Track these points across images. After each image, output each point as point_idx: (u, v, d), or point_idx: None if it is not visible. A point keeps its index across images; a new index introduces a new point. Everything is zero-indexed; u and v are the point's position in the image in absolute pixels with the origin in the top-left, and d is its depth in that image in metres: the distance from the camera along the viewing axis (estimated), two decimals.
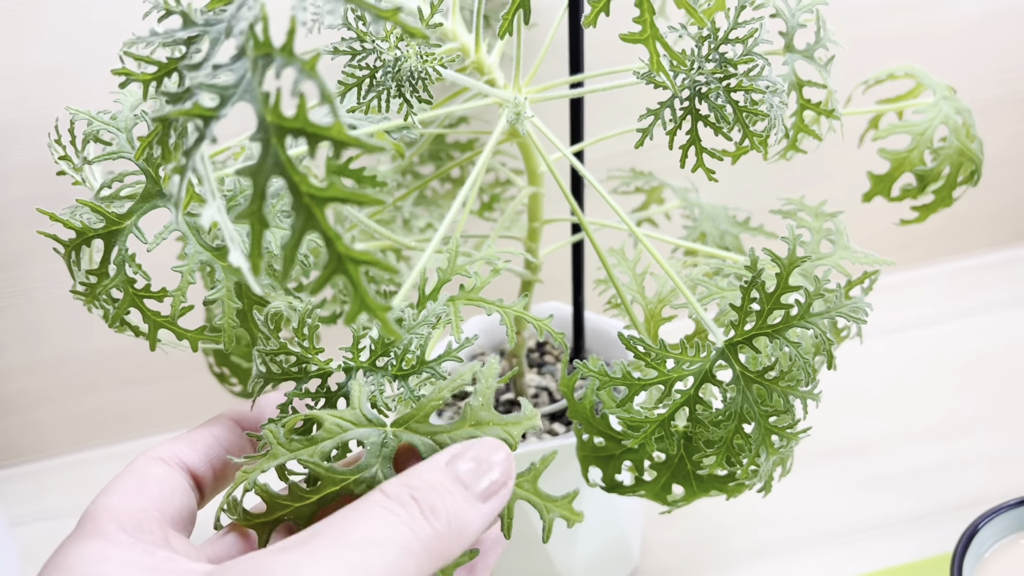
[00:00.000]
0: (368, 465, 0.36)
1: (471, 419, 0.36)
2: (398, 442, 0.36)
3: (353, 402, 0.37)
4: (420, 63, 0.38)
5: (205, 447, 0.39)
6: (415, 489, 0.33)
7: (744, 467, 0.42)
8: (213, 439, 0.40)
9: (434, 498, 0.33)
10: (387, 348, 0.39)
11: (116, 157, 0.39)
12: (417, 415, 0.37)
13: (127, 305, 0.40)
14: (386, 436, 0.36)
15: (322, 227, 0.21)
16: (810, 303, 0.40)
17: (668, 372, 0.41)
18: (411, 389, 0.39)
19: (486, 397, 0.36)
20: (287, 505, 0.36)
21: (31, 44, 0.65)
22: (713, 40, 0.38)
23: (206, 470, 0.39)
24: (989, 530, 0.51)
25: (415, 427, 0.36)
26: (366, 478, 0.36)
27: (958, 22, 0.77)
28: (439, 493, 0.34)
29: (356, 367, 0.39)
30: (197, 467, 0.39)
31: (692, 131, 0.39)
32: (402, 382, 0.39)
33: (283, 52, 0.22)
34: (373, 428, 0.36)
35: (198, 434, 0.40)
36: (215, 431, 0.40)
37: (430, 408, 0.37)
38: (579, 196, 0.53)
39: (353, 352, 0.39)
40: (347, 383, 0.39)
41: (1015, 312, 0.81)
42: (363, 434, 0.36)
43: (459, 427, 0.36)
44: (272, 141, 0.22)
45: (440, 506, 0.33)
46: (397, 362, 0.39)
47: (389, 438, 0.36)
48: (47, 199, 0.68)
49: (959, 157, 0.52)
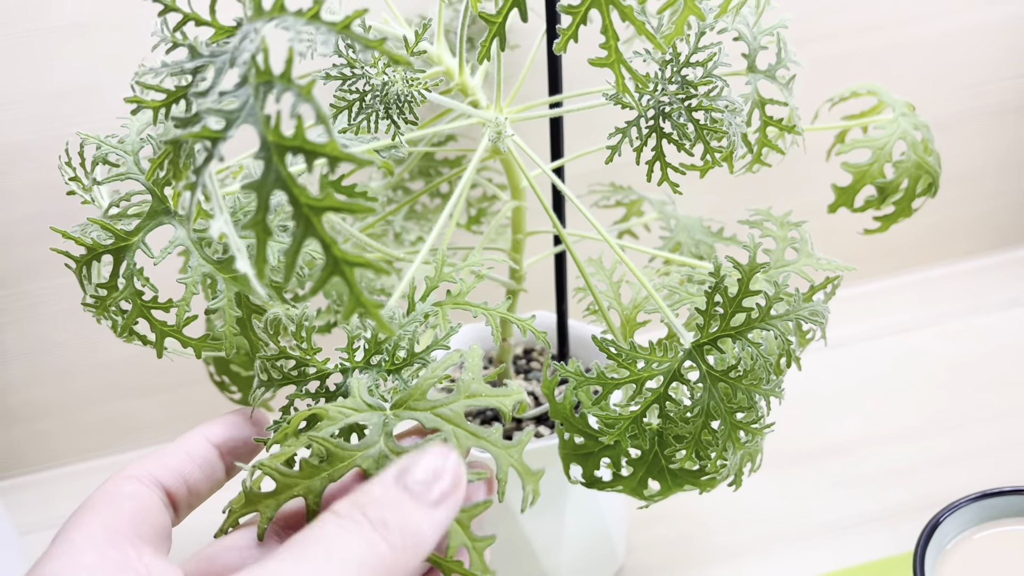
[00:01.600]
0: (373, 442, 0.38)
1: (464, 392, 0.38)
2: (399, 420, 0.38)
3: (353, 394, 0.39)
4: (406, 87, 0.41)
5: (178, 464, 0.39)
6: (364, 506, 0.34)
7: (712, 461, 0.45)
8: (186, 456, 0.40)
9: (384, 512, 0.34)
10: (380, 346, 0.42)
11: (124, 178, 0.42)
12: (415, 394, 0.38)
13: (136, 316, 0.42)
14: (387, 417, 0.38)
15: (320, 234, 0.24)
16: (770, 306, 0.43)
17: (639, 372, 0.44)
18: (405, 381, 0.41)
19: (475, 372, 0.38)
20: (298, 482, 0.37)
21: (41, 69, 0.68)
22: (675, 63, 0.41)
23: (180, 487, 0.39)
24: (950, 524, 0.53)
25: (414, 405, 0.38)
26: (372, 454, 0.37)
27: (923, 40, 0.79)
28: (389, 507, 0.34)
29: (352, 367, 0.41)
30: (171, 484, 0.39)
31: (657, 148, 0.42)
32: (396, 375, 0.42)
33: (282, 79, 0.25)
34: (373, 412, 0.38)
35: (170, 451, 0.40)
36: (187, 447, 0.40)
37: (426, 387, 0.39)
38: (560, 209, 0.55)
39: (349, 353, 0.42)
40: (345, 382, 0.42)
41: (987, 318, 0.83)
42: (365, 418, 0.38)
43: (455, 399, 0.38)
44: (274, 158, 0.25)
45: (391, 519, 0.34)
46: (390, 357, 0.41)
47: (390, 418, 0.38)
48: (53, 216, 0.71)
49: (917, 170, 0.55)
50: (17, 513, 0.76)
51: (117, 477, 0.38)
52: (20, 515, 0.75)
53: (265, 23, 0.26)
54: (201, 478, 0.40)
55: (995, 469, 0.69)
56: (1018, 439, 0.72)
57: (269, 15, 0.26)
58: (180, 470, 0.39)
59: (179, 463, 0.40)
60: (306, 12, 0.25)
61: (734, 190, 0.78)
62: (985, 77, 0.81)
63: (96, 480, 0.77)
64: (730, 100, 0.41)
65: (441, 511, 0.35)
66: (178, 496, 0.40)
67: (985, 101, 0.82)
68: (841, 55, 0.78)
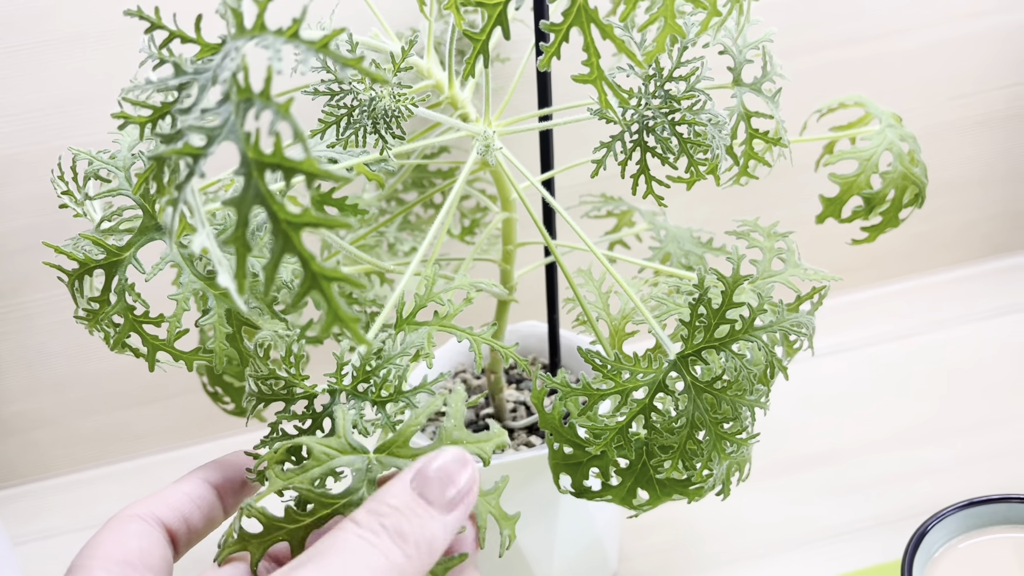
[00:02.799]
0: (355, 489, 0.39)
1: (446, 439, 0.39)
2: (381, 468, 0.39)
3: (338, 430, 0.40)
4: (393, 102, 0.41)
5: (178, 503, 0.42)
6: (383, 516, 0.36)
7: (698, 471, 0.45)
8: (185, 496, 0.42)
9: (401, 522, 0.36)
10: (368, 376, 0.43)
11: (116, 194, 0.42)
12: (398, 441, 0.39)
13: (128, 330, 0.43)
14: (370, 462, 0.39)
15: (298, 249, 0.25)
16: (753, 318, 0.43)
17: (624, 382, 0.45)
18: (388, 416, 0.42)
19: (457, 419, 0.39)
20: (283, 527, 0.39)
21: (35, 83, 0.68)
22: (658, 78, 0.41)
23: (180, 525, 0.42)
24: (937, 532, 0.54)
25: (397, 452, 0.39)
26: (354, 500, 0.39)
27: (910, 52, 0.80)
28: (405, 516, 0.36)
29: (339, 390, 0.42)
30: (171, 523, 0.41)
31: (641, 162, 0.42)
32: (380, 408, 0.43)
33: (262, 97, 0.25)
34: (357, 455, 0.39)
35: (171, 492, 0.42)
36: (187, 488, 0.43)
37: (409, 434, 0.40)
38: (550, 220, 0.56)
39: (337, 377, 0.43)
40: (331, 404, 0.42)
41: (976, 326, 0.84)
42: (349, 461, 0.39)
43: (435, 447, 0.39)
44: (253, 174, 0.25)
45: (407, 529, 0.36)
46: (376, 389, 0.42)
47: (373, 464, 0.39)
48: (48, 228, 0.71)
49: (903, 181, 0.56)
50: (12, 524, 0.76)
51: (121, 516, 0.41)
52: (15, 526, 0.76)
53: (246, 41, 0.27)
54: (200, 517, 0.42)
55: (986, 477, 0.69)
56: (1009, 446, 0.72)
57: (250, 33, 0.27)
58: (180, 510, 0.42)
59: (179, 503, 0.42)
60: (285, 31, 0.26)
61: (727, 200, 0.78)
62: (971, 88, 0.82)
63: (90, 491, 0.78)
64: (713, 114, 0.41)
65: (453, 516, 0.37)
66: (178, 534, 0.42)
67: (972, 111, 0.83)
68: (830, 66, 0.79)
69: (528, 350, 0.66)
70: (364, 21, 0.52)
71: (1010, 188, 0.87)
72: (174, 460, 0.81)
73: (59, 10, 0.66)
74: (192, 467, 0.80)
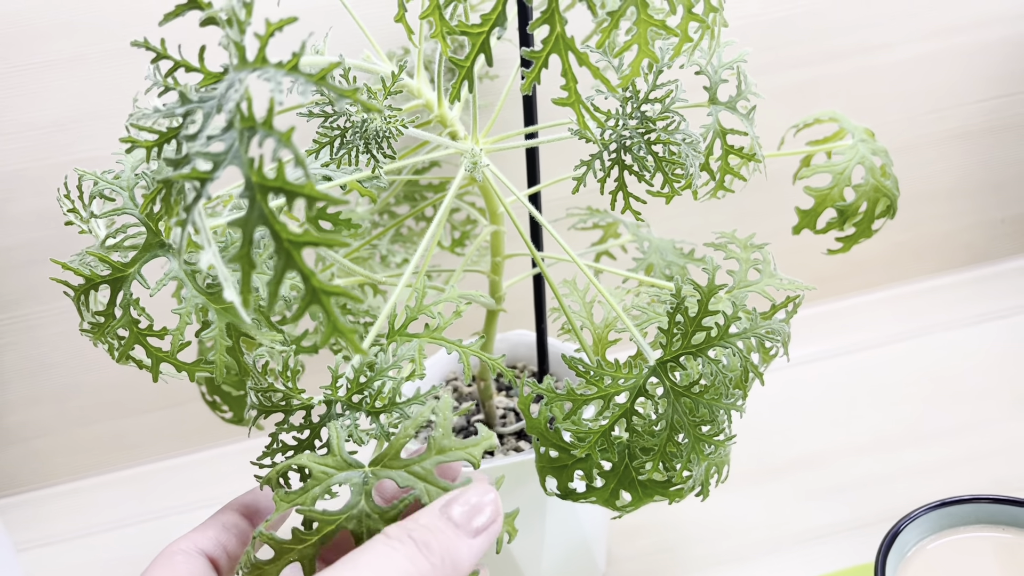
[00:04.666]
0: (354, 504, 0.41)
1: (436, 448, 0.41)
2: (376, 479, 0.41)
3: (333, 448, 0.42)
4: (384, 124, 0.43)
5: (215, 534, 0.45)
6: (412, 530, 0.39)
7: (678, 472, 0.47)
8: (222, 526, 0.46)
9: (428, 536, 0.39)
10: (362, 388, 0.45)
11: (120, 213, 0.44)
12: (390, 453, 0.42)
13: (132, 342, 0.45)
14: (366, 475, 0.42)
15: (299, 266, 0.27)
16: (728, 325, 0.46)
17: (606, 388, 0.47)
18: (382, 426, 0.45)
19: (445, 428, 0.42)
20: (292, 548, 0.41)
21: (38, 101, 0.70)
22: (635, 100, 0.43)
23: (220, 553, 0.45)
24: (910, 532, 0.55)
25: (390, 464, 0.42)
26: (354, 514, 0.41)
27: (889, 66, 0.81)
28: (433, 532, 0.39)
29: (335, 401, 0.44)
30: (212, 552, 0.45)
31: (619, 179, 0.44)
32: (374, 419, 0.45)
33: (264, 126, 0.27)
34: (354, 471, 0.42)
35: (209, 524, 0.45)
36: (223, 519, 0.46)
37: (399, 446, 0.42)
38: (537, 233, 0.58)
39: (332, 389, 0.45)
40: (328, 415, 0.45)
41: (955, 334, 0.85)
42: (346, 477, 0.41)
43: (426, 456, 0.41)
44: (257, 197, 0.27)
45: (434, 542, 0.39)
46: (371, 401, 0.44)
47: (368, 476, 0.41)
48: (50, 242, 0.73)
49: (875, 193, 0.58)
50: (14, 531, 0.77)
51: (167, 552, 0.44)
52: (17, 533, 0.77)
53: (249, 73, 0.29)
54: (237, 544, 0.46)
55: (964, 480, 0.71)
56: (986, 450, 0.73)
57: (252, 66, 0.29)
58: (218, 539, 0.45)
59: (216, 533, 0.45)
60: (286, 64, 0.28)
61: (713, 212, 0.80)
62: (948, 102, 0.84)
63: (90, 498, 0.80)
64: (687, 133, 0.44)
65: (479, 540, 0.40)
66: (220, 561, 0.45)
67: (949, 125, 0.84)
68: (810, 82, 0.80)
69: (517, 358, 0.67)
70: (356, 41, 0.54)
71: (987, 198, 0.89)
72: (173, 468, 0.82)
73: (61, 32, 0.68)
74: (190, 474, 0.82)
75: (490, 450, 0.61)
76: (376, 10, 0.62)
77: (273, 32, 0.28)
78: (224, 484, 0.63)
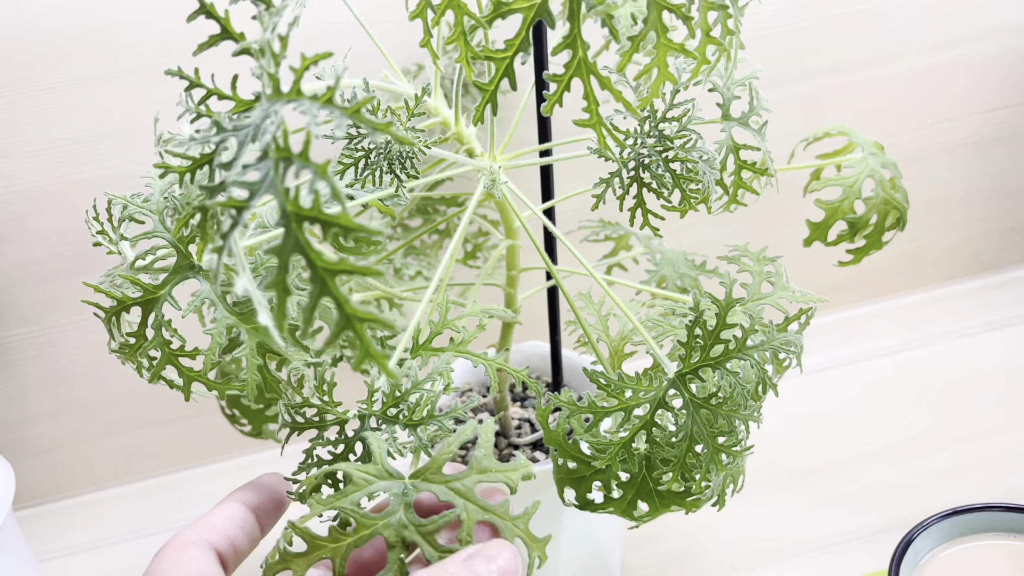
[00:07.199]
0: (393, 511, 0.42)
1: (477, 468, 0.42)
2: (417, 491, 0.42)
3: (375, 457, 0.43)
4: (408, 145, 0.44)
5: (223, 527, 0.45)
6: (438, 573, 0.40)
7: (697, 483, 0.48)
8: (228, 520, 0.45)
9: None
10: (397, 401, 0.46)
11: (151, 236, 0.45)
12: (432, 467, 0.43)
13: (164, 363, 0.45)
14: (406, 487, 0.42)
15: (335, 293, 0.28)
16: (746, 338, 0.46)
17: (626, 400, 0.48)
18: (420, 438, 0.45)
19: (487, 449, 0.43)
20: (325, 545, 0.42)
21: (59, 119, 0.71)
22: (653, 119, 0.44)
23: (227, 547, 0.45)
24: (923, 540, 0.56)
25: (431, 478, 0.42)
26: (392, 523, 0.42)
27: (898, 77, 0.82)
28: None
29: (370, 415, 0.45)
30: (220, 546, 0.44)
31: (638, 196, 0.45)
32: (412, 431, 0.46)
33: (301, 157, 0.28)
34: (394, 481, 0.42)
35: (215, 517, 0.45)
36: (228, 512, 0.46)
37: (442, 461, 0.43)
38: (552, 246, 0.59)
39: (368, 403, 0.46)
40: (362, 429, 0.45)
41: (964, 342, 0.86)
42: (387, 486, 0.42)
43: (467, 475, 0.42)
44: (293, 226, 0.28)
45: None
46: (409, 414, 0.45)
47: (409, 488, 0.42)
48: (71, 258, 0.74)
49: (885, 206, 0.59)
50: (35, 541, 0.78)
51: (175, 543, 0.44)
52: (38, 543, 0.78)
53: (283, 104, 0.30)
54: (243, 538, 0.45)
55: (975, 487, 0.71)
56: (996, 458, 0.74)
57: (287, 97, 0.30)
58: (225, 533, 0.45)
59: (223, 527, 0.45)
60: (320, 97, 0.29)
61: (726, 222, 0.80)
62: (957, 112, 0.84)
63: (109, 509, 0.81)
64: (704, 151, 0.44)
65: None
66: (227, 556, 0.45)
67: (958, 134, 0.85)
68: (820, 93, 0.81)
69: (531, 368, 0.68)
70: (372, 57, 0.55)
71: (996, 207, 0.90)
72: (192, 479, 0.83)
73: (81, 51, 0.69)
74: (208, 485, 0.83)
75: (505, 460, 0.61)
76: (389, 27, 0.63)
77: (308, 66, 0.29)
78: None
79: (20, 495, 0.80)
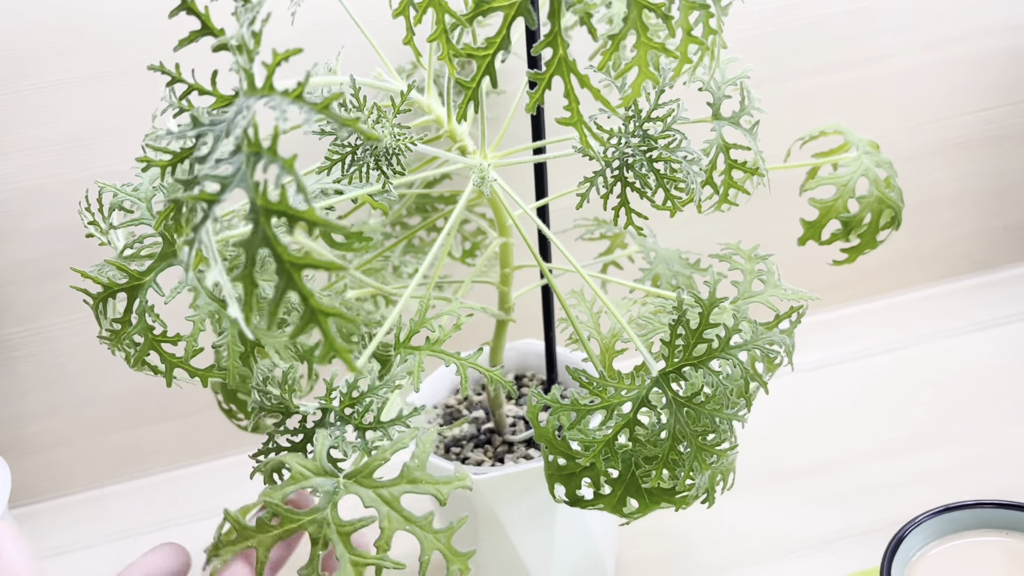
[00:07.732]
0: (320, 508, 0.43)
1: (407, 477, 0.43)
2: (346, 492, 0.43)
3: (317, 453, 0.44)
4: (393, 141, 0.44)
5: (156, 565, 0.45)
6: None
7: (682, 480, 0.48)
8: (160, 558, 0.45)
9: None
10: (354, 402, 0.46)
11: (138, 223, 0.46)
12: (364, 471, 0.44)
13: (147, 348, 0.46)
14: (338, 486, 0.43)
15: (299, 287, 0.28)
16: (728, 337, 0.46)
17: (609, 398, 0.48)
18: (367, 443, 0.46)
19: (422, 460, 0.43)
20: (254, 535, 0.43)
21: (56, 117, 0.71)
22: (637, 119, 0.44)
23: None
24: (914, 537, 0.56)
25: (362, 481, 0.43)
26: (318, 519, 0.43)
27: (889, 77, 0.82)
28: None
29: (329, 408, 0.46)
30: None
31: (622, 195, 0.45)
32: (360, 434, 0.46)
33: (269, 152, 0.28)
34: (328, 479, 0.43)
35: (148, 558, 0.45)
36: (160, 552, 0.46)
37: (375, 466, 0.44)
38: (545, 244, 0.59)
39: (327, 399, 0.46)
40: (322, 422, 0.46)
41: (957, 340, 0.86)
42: (319, 483, 0.43)
43: (396, 483, 0.43)
44: (261, 220, 0.28)
45: None
46: (359, 416, 0.46)
47: (340, 488, 0.43)
48: (67, 256, 0.75)
49: (879, 205, 0.58)
50: (34, 539, 0.78)
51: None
52: (36, 541, 0.78)
53: (256, 100, 0.30)
54: None
55: (968, 485, 0.71)
56: (989, 455, 0.74)
57: (260, 93, 0.30)
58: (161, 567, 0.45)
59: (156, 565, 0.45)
60: (291, 92, 0.29)
61: (717, 221, 0.80)
62: (948, 112, 0.84)
63: (107, 507, 0.81)
64: (688, 151, 0.44)
65: None
66: None
67: (948, 135, 0.85)
68: (812, 92, 0.81)
69: (526, 367, 0.68)
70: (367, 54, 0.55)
71: (987, 207, 0.90)
72: (189, 476, 0.83)
73: (78, 49, 0.70)
74: (205, 483, 0.84)
75: (500, 457, 0.62)
76: (386, 24, 0.63)
77: (279, 62, 0.29)
78: (240, 492, 0.64)
79: (17, 493, 0.81)
